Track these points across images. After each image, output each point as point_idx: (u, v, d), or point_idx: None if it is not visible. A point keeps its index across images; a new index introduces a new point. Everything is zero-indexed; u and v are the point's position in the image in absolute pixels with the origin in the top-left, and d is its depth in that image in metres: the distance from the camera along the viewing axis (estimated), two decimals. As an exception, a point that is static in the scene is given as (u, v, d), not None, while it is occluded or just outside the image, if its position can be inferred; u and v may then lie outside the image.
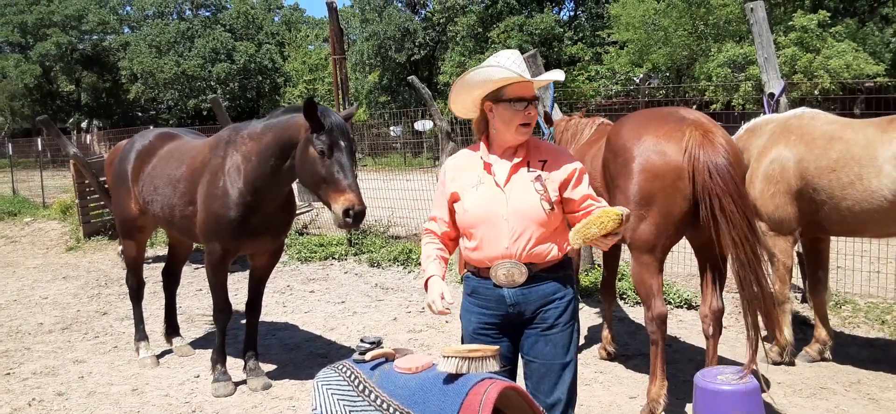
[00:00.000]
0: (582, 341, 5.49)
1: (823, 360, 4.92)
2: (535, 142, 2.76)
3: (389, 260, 8.67)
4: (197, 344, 5.97)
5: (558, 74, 2.77)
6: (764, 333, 3.99)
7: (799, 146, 4.51)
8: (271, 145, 4.38)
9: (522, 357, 2.80)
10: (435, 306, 2.68)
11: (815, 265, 5.01)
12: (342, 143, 4.03)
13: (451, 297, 2.68)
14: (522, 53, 2.61)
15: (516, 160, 2.68)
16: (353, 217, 4.02)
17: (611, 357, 5.16)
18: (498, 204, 2.64)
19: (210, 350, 5.13)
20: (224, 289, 4.91)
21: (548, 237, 2.65)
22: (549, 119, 5.76)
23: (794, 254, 4.92)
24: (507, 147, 2.71)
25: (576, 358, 2.76)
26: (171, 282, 5.93)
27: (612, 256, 5.20)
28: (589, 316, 6.24)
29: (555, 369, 2.71)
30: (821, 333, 4.92)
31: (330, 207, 4.07)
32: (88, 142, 34.20)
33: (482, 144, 2.76)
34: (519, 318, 2.73)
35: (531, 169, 2.66)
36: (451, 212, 2.79)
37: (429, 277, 2.76)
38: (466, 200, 2.71)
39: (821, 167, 4.38)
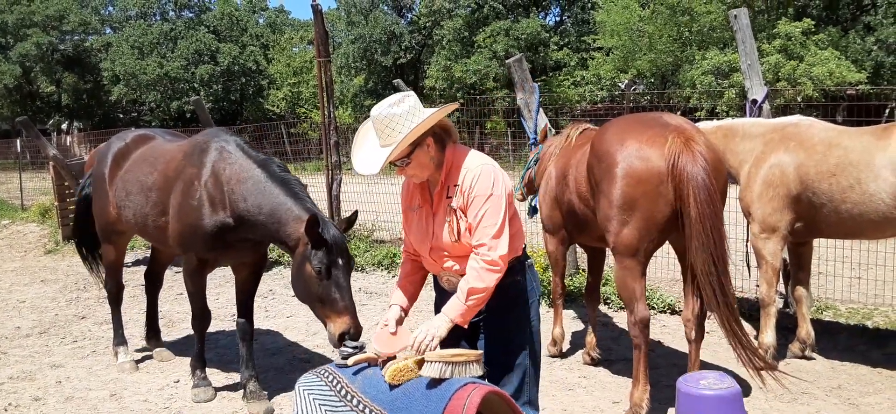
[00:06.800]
0: (567, 346, 5.49)
1: (805, 358, 4.99)
2: (458, 159, 2.77)
3: (373, 264, 8.62)
4: (177, 349, 5.90)
5: (372, 166, 2.69)
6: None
7: (799, 152, 4.67)
8: (266, 214, 4.13)
9: None
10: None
11: (797, 267, 5.16)
12: (340, 262, 3.85)
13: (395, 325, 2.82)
14: (508, 58, 2.59)
15: (437, 188, 2.80)
16: (349, 340, 3.81)
17: (594, 362, 5.15)
18: (426, 234, 2.84)
19: (189, 354, 5.07)
20: (202, 296, 4.82)
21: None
22: (546, 136, 5.60)
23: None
24: None
25: (529, 361, 2.87)
26: (153, 286, 5.85)
27: (596, 261, 5.21)
28: (573, 321, 6.25)
29: (504, 369, 2.83)
30: (801, 331, 5.03)
31: (325, 325, 3.87)
32: (69, 143, 33.78)
33: None
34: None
35: (449, 194, 2.76)
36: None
37: (390, 305, 2.97)
38: (410, 226, 2.94)
39: (821, 172, 4.54)
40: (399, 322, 2.86)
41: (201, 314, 4.83)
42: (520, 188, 5.55)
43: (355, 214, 4.16)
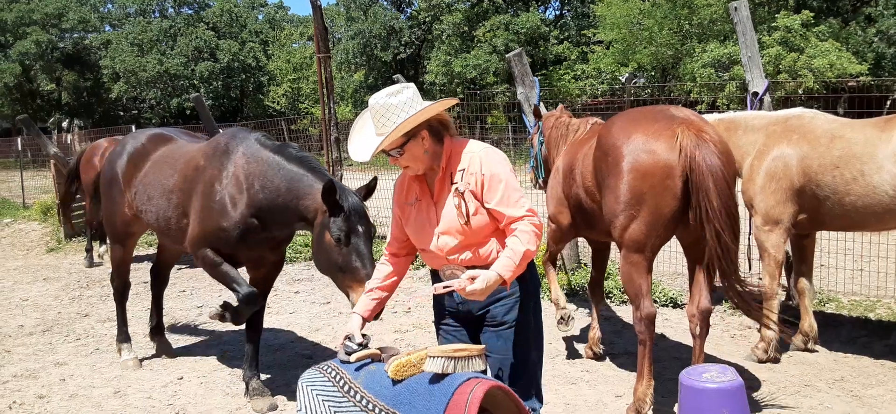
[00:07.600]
0: (569, 338, 5.49)
1: (808, 350, 5.00)
2: (456, 148, 2.79)
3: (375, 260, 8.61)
4: (180, 346, 5.90)
5: (364, 154, 2.73)
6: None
7: (802, 144, 4.66)
8: (284, 193, 4.11)
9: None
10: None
11: (799, 260, 5.16)
12: (360, 229, 3.75)
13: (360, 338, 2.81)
14: (508, 53, 2.61)
15: (439, 175, 2.79)
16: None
17: (597, 357, 5.15)
18: (428, 224, 2.80)
19: (193, 352, 5.05)
20: (230, 275, 4.40)
21: (481, 242, 2.75)
22: (538, 112, 5.74)
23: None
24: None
25: (534, 353, 2.88)
26: (158, 283, 5.82)
27: (600, 256, 5.20)
28: (576, 315, 6.25)
29: (509, 364, 2.83)
30: (804, 324, 5.03)
31: (347, 295, 3.78)
32: (69, 141, 33.77)
33: None
34: (469, 315, 2.85)
35: (453, 181, 2.75)
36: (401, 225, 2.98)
37: (351, 314, 2.98)
38: (407, 221, 2.90)
39: (824, 164, 4.54)
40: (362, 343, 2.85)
41: (246, 297, 4.31)
42: (540, 176, 5.49)
43: (375, 179, 4.06)
